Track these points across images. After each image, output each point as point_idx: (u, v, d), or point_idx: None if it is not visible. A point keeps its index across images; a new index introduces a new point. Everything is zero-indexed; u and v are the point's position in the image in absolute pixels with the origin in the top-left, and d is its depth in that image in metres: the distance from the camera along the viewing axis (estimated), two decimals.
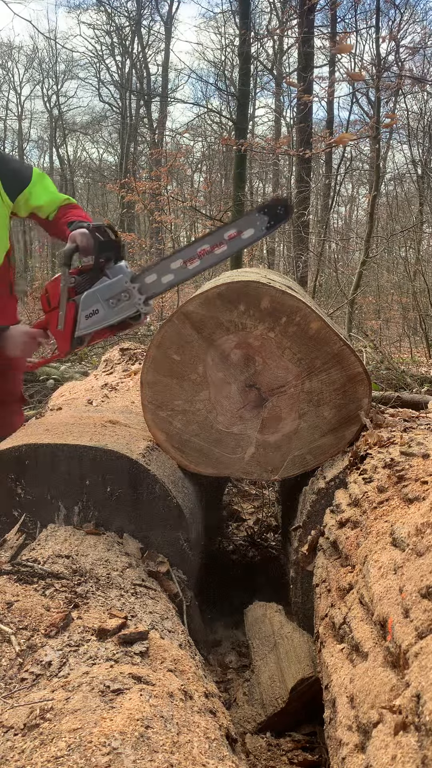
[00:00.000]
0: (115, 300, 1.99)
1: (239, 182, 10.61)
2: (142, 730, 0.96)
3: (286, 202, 1.93)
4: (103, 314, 2.01)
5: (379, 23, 9.14)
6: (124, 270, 2.01)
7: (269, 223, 1.90)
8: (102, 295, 1.99)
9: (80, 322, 2.03)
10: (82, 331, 2.04)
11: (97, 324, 2.02)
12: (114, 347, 3.72)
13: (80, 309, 2.01)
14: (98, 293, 2.00)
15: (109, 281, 1.99)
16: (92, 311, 2.01)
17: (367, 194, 11.18)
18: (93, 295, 2.00)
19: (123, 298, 1.98)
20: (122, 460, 1.84)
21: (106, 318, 2.01)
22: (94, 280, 2.01)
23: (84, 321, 2.02)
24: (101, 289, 2.00)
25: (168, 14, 21.15)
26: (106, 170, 26.05)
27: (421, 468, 1.46)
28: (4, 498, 1.89)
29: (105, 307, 2.00)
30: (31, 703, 1.05)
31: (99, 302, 2.00)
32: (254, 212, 1.92)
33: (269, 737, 1.68)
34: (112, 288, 1.99)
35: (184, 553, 1.88)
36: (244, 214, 1.96)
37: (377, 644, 1.10)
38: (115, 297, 1.98)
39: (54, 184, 2.51)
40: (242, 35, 10.22)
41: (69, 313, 2.02)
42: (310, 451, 1.96)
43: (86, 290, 2.01)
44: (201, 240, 1.94)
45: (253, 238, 1.93)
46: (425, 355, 7.86)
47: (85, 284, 2.02)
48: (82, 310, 2.01)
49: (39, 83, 26.64)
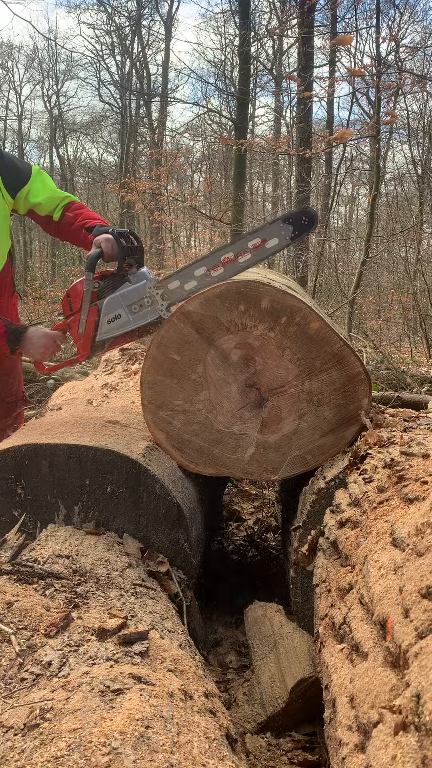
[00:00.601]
0: (137, 305, 1.99)
1: (239, 182, 10.62)
2: (142, 730, 0.96)
3: (312, 213, 1.94)
4: (125, 319, 2.01)
5: (380, 23, 9.14)
6: (147, 276, 2.01)
7: (294, 232, 1.91)
8: (125, 300, 2.00)
9: (102, 327, 2.03)
10: (104, 336, 2.04)
11: (119, 329, 2.03)
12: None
13: (102, 313, 2.02)
14: (121, 298, 2.00)
15: (132, 286, 2.00)
16: (115, 316, 2.01)
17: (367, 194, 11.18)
18: (116, 299, 2.00)
19: (146, 304, 1.99)
20: (122, 460, 1.84)
21: (128, 323, 2.01)
22: (117, 285, 2.02)
23: (106, 325, 2.02)
24: (124, 295, 2.00)
25: (168, 14, 21.14)
26: (106, 170, 26.05)
27: (421, 468, 1.46)
28: (4, 498, 1.89)
29: (127, 312, 2.00)
30: (31, 703, 1.05)
31: (122, 307, 2.00)
32: (279, 221, 1.93)
33: (269, 737, 1.68)
34: (135, 293, 1.99)
35: (184, 553, 1.88)
36: (269, 222, 1.97)
37: (377, 644, 1.10)
38: (138, 302, 1.99)
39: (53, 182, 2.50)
40: (242, 35, 10.23)
41: (91, 318, 2.02)
42: (310, 451, 1.96)
43: (109, 295, 2.01)
44: (225, 248, 1.95)
45: (278, 248, 1.94)
46: (425, 355, 7.86)
47: (108, 289, 2.03)
48: (105, 315, 2.02)
49: (39, 83, 26.65)
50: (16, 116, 26.43)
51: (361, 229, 12.60)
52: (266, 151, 11.69)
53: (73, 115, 27.85)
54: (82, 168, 27.84)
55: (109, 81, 23.93)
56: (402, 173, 16.25)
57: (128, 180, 14.38)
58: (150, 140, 19.97)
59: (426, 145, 13.22)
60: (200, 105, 18.85)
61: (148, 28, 21.62)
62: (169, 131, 19.96)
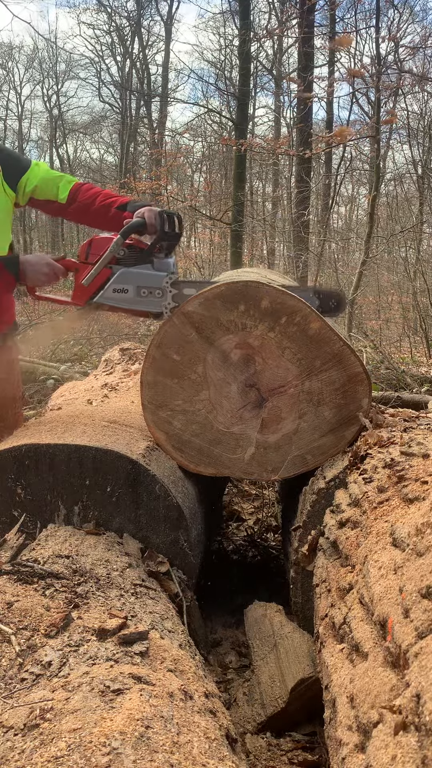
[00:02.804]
0: (147, 291, 1.97)
1: (239, 182, 10.62)
2: (142, 730, 0.96)
3: (342, 301, 1.98)
4: (130, 297, 1.99)
5: (379, 23, 9.13)
6: (170, 267, 1.99)
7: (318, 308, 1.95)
8: (138, 280, 1.98)
9: (105, 291, 2.01)
10: (103, 300, 2.02)
11: (119, 302, 2.01)
12: (114, 347, 3.72)
13: (112, 281, 1.99)
14: (136, 276, 1.98)
15: (151, 271, 1.98)
16: (122, 288, 1.99)
17: (367, 194, 11.18)
18: (130, 274, 1.98)
19: (155, 294, 1.97)
20: (122, 460, 1.84)
21: (131, 302, 2.00)
22: (140, 261, 2.00)
23: (110, 293, 2.00)
24: (141, 275, 1.98)
25: (168, 14, 21.15)
26: (106, 170, 26.05)
27: (421, 468, 1.46)
28: (4, 498, 1.89)
29: (135, 292, 1.98)
30: (31, 703, 1.05)
31: (132, 285, 1.98)
32: (309, 291, 1.95)
33: (269, 737, 1.68)
34: (151, 279, 1.97)
35: (184, 553, 1.88)
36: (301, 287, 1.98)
37: (377, 644, 1.10)
38: (149, 289, 1.97)
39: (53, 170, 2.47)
40: (242, 35, 10.23)
41: (100, 278, 2.00)
42: (310, 451, 1.96)
43: (127, 267, 1.99)
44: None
45: None
46: (425, 355, 7.86)
47: (129, 260, 2.00)
48: (114, 283, 1.99)
49: (39, 83, 26.66)
50: (16, 116, 26.44)
51: (361, 229, 12.60)
52: (266, 151, 11.70)
53: (73, 115, 27.85)
54: (82, 168, 27.82)
55: (109, 81, 23.95)
56: (402, 173, 16.26)
57: (128, 180, 14.39)
58: (150, 140, 19.97)
59: (426, 145, 13.23)
60: (200, 105, 18.84)
61: (148, 28, 21.63)
62: (169, 131, 19.97)
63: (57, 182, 2.36)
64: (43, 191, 2.36)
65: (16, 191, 2.35)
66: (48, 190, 2.36)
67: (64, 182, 2.37)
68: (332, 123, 13.68)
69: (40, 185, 2.35)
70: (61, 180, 2.37)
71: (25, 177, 2.34)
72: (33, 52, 26.95)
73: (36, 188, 2.35)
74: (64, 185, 2.36)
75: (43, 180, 2.35)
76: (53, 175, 2.38)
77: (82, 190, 2.35)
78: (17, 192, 2.36)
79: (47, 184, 2.35)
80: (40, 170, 2.38)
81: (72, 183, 2.37)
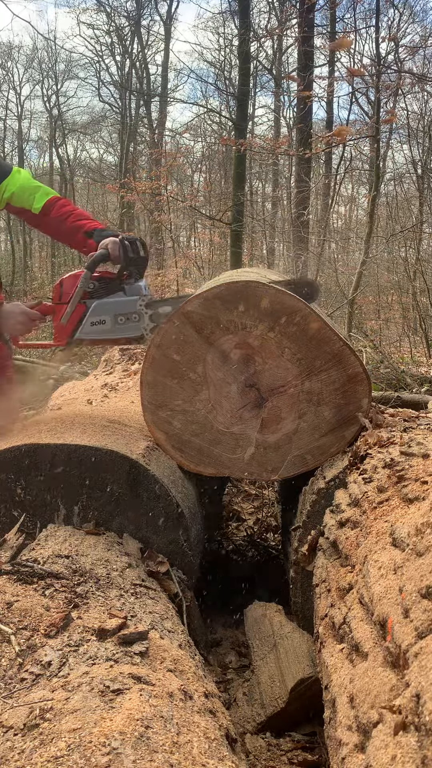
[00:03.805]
0: (124, 317, 1.99)
1: (239, 182, 10.61)
2: (142, 730, 0.96)
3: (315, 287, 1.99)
4: (108, 327, 2.02)
5: (379, 23, 9.14)
6: (141, 291, 2.01)
7: None
8: (114, 309, 2.00)
9: (84, 326, 2.03)
10: (83, 336, 2.04)
11: (99, 334, 2.03)
12: (114, 347, 3.72)
13: (88, 314, 2.02)
14: (110, 306, 2.00)
15: (124, 298, 2.00)
16: (99, 320, 2.01)
17: (367, 194, 11.18)
18: (105, 306, 2.00)
19: (132, 319, 1.99)
20: (122, 460, 1.84)
21: (110, 331, 2.02)
22: (111, 291, 2.02)
23: (88, 326, 2.03)
24: (115, 303, 2.00)
25: (168, 14, 21.13)
26: (106, 170, 26.04)
27: (421, 468, 1.46)
28: (4, 498, 1.89)
29: (112, 321, 2.00)
30: (31, 703, 1.05)
31: (108, 315, 2.01)
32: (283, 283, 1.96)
33: (269, 737, 1.68)
34: (125, 306, 1.99)
35: (184, 553, 1.88)
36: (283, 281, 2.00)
37: (377, 644, 1.10)
38: (125, 315, 1.99)
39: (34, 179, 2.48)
40: (241, 35, 10.22)
41: (76, 314, 2.02)
42: (309, 451, 1.96)
43: (100, 299, 2.01)
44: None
45: None
46: (425, 355, 7.86)
47: (101, 292, 2.02)
48: (90, 316, 2.02)
49: (39, 83, 26.63)
50: (15, 116, 26.42)
51: (361, 229, 12.59)
52: (266, 151, 11.69)
53: (72, 115, 27.83)
54: (82, 168, 27.82)
55: (109, 81, 23.93)
56: (402, 173, 16.26)
57: (128, 180, 14.38)
58: (150, 140, 19.96)
59: (426, 145, 13.22)
60: (200, 105, 18.85)
61: (148, 28, 21.61)
62: (169, 131, 19.97)
63: (34, 192, 2.37)
64: (19, 199, 2.37)
65: None
66: (24, 198, 2.37)
67: (41, 193, 2.38)
68: (332, 123, 13.69)
69: (17, 192, 2.36)
70: (38, 191, 2.38)
71: (5, 182, 2.36)
72: (32, 51, 26.93)
73: (13, 195, 2.36)
74: (40, 196, 2.37)
75: (21, 188, 2.36)
76: (32, 184, 2.39)
77: (57, 205, 2.36)
78: None
79: (24, 192, 2.37)
80: (21, 178, 2.39)
81: (48, 196, 2.38)
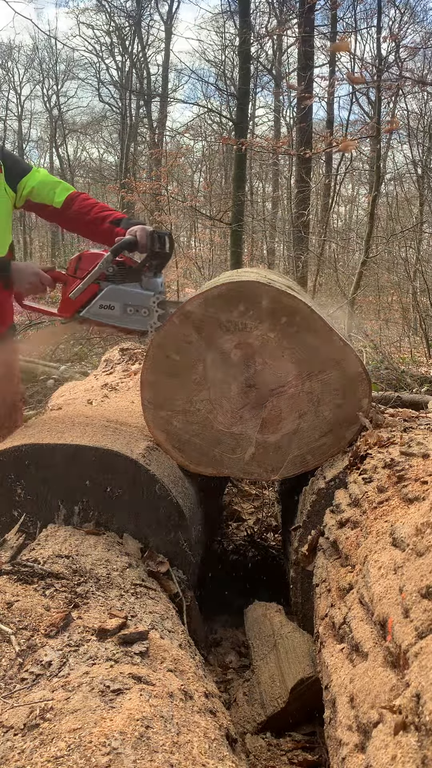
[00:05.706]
0: (134, 309, 1.99)
1: (239, 182, 10.61)
2: (142, 730, 0.96)
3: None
4: (116, 314, 2.01)
5: (380, 23, 9.13)
6: (157, 287, 2.01)
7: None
8: (126, 298, 1.99)
9: (92, 306, 2.02)
10: (89, 315, 2.03)
11: (105, 318, 2.03)
12: (114, 347, 3.72)
13: (99, 297, 2.01)
14: (123, 294, 2.00)
15: (139, 290, 1.99)
16: (108, 305, 2.00)
17: (367, 194, 11.18)
18: (118, 292, 2.00)
19: (142, 313, 1.98)
20: (122, 460, 1.84)
21: (117, 318, 2.01)
22: (128, 279, 2.01)
23: (96, 308, 2.02)
24: (128, 293, 1.99)
25: (168, 14, 21.11)
26: (106, 170, 26.02)
27: (421, 468, 1.46)
28: (4, 498, 1.89)
29: (121, 309, 2.00)
30: (31, 703, 1.05)
31: (119, 302, 2.00)
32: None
33: (269, 737, 1.68)
34: (138, 298, 1.99)
35: (184, 553, 1.88)
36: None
37: (377, 644, 1.10)
38: (136, 307, 1.99)
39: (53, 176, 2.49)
40: (242, 35, 10.22)
41: (87, 293, 2.01)
42: (310, 451, 1.96)
43: (114, 284, 2.00)
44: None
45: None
46: (425, 355, 7.85)
47: (118, 278, 2.01)
48: (101, 299, 2.01)
49: (39, 83, 26.63)
50: (16, 116, 26.41)
51: (361, 229, 12.59)
52: (266, 151, 11.69)
53: (72, 115, 27.83)
54: (82, 168, 27.82)
55: (109, 81, 23.93)
56: (402, 173, 16.24)
57: (128, 180, 14.38)
58: (150, 140, 19.95)
59: (426, 145, 13.21)
60: (200, 105, 18.82)
61: (148, 28, 21.60)
62: (169, 131, 19.96)
63: (54, 187, 2.38)
64: (39, 194, 2.37)
65: (16, 192, 2.37)
66: (45, 193, 2.37)
67: (62, 188, 2.39)
68: (332, 123, 13.67)
69: (38, 188, 2.37)
70: (59, 185, 2.39)
71: (25, 179, 2.37)
72: (33, 52, 26.92)
73: (33, 190, 2.37)
74: (61, 191, 2.37)
75: (41, 183, 2.37)
76: (52, 179, 2.40)
77: (79, 199, 2.37)
78: (17, 193, 2.37)
79: (44, 188, 2.37)
80: (40, 174, 2.40)
81: (70, 190, 2.39)
